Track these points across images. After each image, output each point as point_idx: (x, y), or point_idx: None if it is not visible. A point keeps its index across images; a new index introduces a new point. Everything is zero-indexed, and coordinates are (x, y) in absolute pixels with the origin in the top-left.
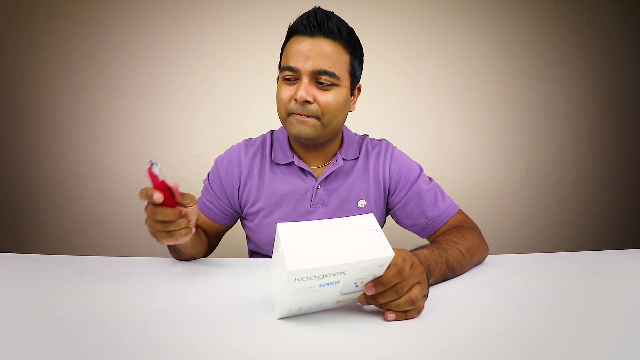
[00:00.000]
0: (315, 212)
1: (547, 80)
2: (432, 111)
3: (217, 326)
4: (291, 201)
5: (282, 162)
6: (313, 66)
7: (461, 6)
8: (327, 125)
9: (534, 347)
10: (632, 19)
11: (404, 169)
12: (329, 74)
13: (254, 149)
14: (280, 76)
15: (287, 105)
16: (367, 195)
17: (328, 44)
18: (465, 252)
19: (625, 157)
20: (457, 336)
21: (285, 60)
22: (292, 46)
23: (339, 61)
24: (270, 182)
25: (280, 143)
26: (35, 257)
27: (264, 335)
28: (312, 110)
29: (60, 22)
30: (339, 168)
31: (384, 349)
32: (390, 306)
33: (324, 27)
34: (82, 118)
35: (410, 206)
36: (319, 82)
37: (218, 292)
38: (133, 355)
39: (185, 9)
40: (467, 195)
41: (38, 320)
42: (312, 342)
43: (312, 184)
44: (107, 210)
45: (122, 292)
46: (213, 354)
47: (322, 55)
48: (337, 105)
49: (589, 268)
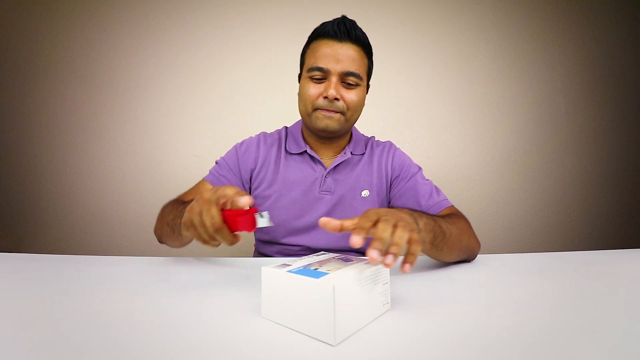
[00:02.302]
0: (322, 199)
1: (547, 80)
2: (432, 111)
3: (217, 326)
4: (301, 187)
5: (295, 152)
6: (343, 68)
7: (461, 6)
8: (349, 120)
9: (534, 347)
10: (632, 19)
11: (404, 165)
12: (355, 75)
13: (271, 140)
14: (307, 75)
15: (315, 102)
16: (371, 186)
17: (354, 49)
18: (452, 223)
19: (625, 157)
20: (457, 336)
21: (314, 61)
22: (321, 49)
23: (362, 64)
24: (284, 169)
25: (294, 135)
26: (35, 257)
27: (264, 335)
28: (339, 106)
29: (60, 22)
30: (347, 160)
31: (383, 348)
32: (376, 244)
33: (352, 34)
34: (82, 118)
35: (406, 197)
36: (345, 82)
37: (218, 292)
38: (133, 355)
39: (185, 9)
40: (467, 195)
41: (38, 320)
42: (313, 342)
43: (321, 172)
44: (107, 210)
45: (122, 292)
46: (213, 354)
47: (350, 59)
48: (359, 102)
49: (589, 268)
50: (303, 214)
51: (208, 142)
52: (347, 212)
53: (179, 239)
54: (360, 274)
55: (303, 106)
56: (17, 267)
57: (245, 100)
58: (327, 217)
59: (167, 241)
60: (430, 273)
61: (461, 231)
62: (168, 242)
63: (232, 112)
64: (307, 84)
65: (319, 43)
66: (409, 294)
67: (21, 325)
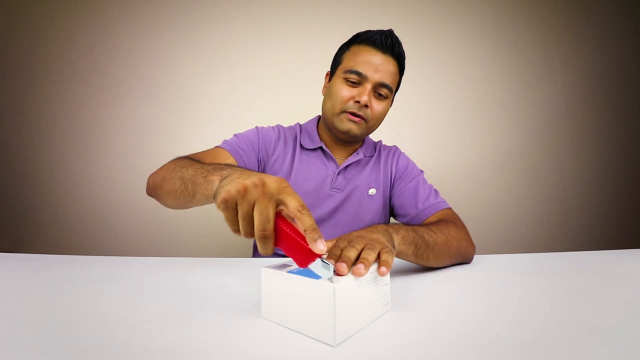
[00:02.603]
0: (332, 196)
1: (547, 80)
2: (432, 111)
3: (217, 326)
4: (312, 183)
5: (309, 147)
6: (380, 78)
7: (461, 6)
8: (370, 128)
9: (534, 347)
10: (632, 19)
11: (408, 167)
12: (388, 88)
13: (289, 133)
14: (342, 75)
15: (345, 104)
16: (377, 184)
17: (393, 64)
18: (437, 231)
19: (625, 157)
20: (457, 336)
21: (354, 65)
22: (363, 55)
23: (395, 79)
24: (298, 163)
25: (309, 132)
26: (35, 257)
27: (264, 336)
28: (366, 113)
29: (60, 22)
30: (358, 160)
31: (383, 349)
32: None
33: (395, 49)
34: (82, 118)
35: (405, 196)
36: (377, 92)
37: (218, 292)
38: (133, 355)
39: (185, 10)
40: (467, 195)
41: (38, 320)
42: (313, 342)
43: (333, 170)
44: (107, 210)
45: (121, 292)
46: (213, 354)
47: (388, 72)
48: (383, 114)
49: (589, 268)
50: (311, 209)
51: (208, 142)
52: (354, 209)
53: (185, 199)
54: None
55: (331, 105)
56: (17, 267)
57: (245, 100)
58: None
59: (164, 196)
60: (430, 273)
61: (449, 238)
62: (166, 197)
63: (231, 112)
64: (342, 85)
65: (361, 48)
66: (409, 294)
67: (21, 326)
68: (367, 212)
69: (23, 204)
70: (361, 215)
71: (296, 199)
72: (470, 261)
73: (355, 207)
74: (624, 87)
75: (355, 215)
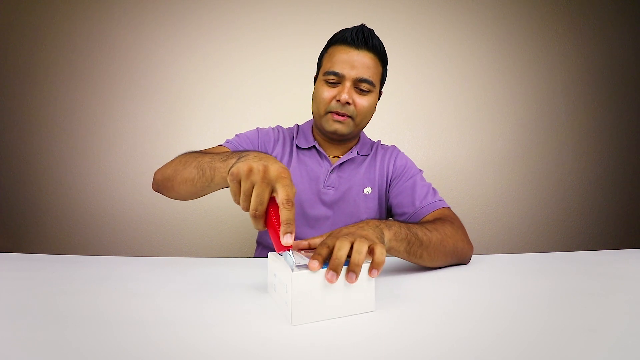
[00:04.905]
0: (326, 194)
1: (547, 80)
2: (432, 111)
3: (218, 326)
4: (307, 181)
5: (304, 147)
6: (357, 74)
7: (461, 6)
8: (358, 124)
9: (534, 347)
10: (632, 19)
11: (406, 166)
12: (368, 82)
13: (286, 134)
14: (322, 78)
15: (328, 104)
16: (373, 183)
17: (370, 57)
18: (433, 229)
19: (625, 157)
20: (457, 336)
21: (330, 66)
22: (338, 54)
23: (376, 72)
24: (295, 162)
25: (304, 132)
26: (35, 257)
27: (264, 335)
28: (350, 110)
29: (60, 22)
30: (352, 159)
31: (382, 349)
32: (333, 264)
33: (369, 42)
34: (82, 118)
35: (403, 195)
36: (358, 88)
37: (219, 292)
38: (133, 355)
39: (185, 10)
40: (467, 195)
41: (38, 320)
42: (313, 342)
43: (327, 168)
44: (107, 210)
45: (122, 292)
46: (213, 354)
47: (365, 66)
48: (369, 108)
49: (589, 268)
50: (307, 207)
51: (208, 142)
52: (349, 208)
53: (202, 185)
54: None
55: (316, 107)
56: (16, 267)
57: (245, 100)
58: (294, 240)
59: (177, 186)
60: (430, 273)
61: (444, 237)
62: (180, 187)
63: (231, 112)
64: (322, 87)
65: (336, 48)
66: (409, 294)
67: (21, 325)
68: (363, 211)
69: (23, 204)
70: (357, 214)
71: (286, 191)
72: (468, 262)
73: (351, 206)
74: (624, 86)
75: (351, 213)
